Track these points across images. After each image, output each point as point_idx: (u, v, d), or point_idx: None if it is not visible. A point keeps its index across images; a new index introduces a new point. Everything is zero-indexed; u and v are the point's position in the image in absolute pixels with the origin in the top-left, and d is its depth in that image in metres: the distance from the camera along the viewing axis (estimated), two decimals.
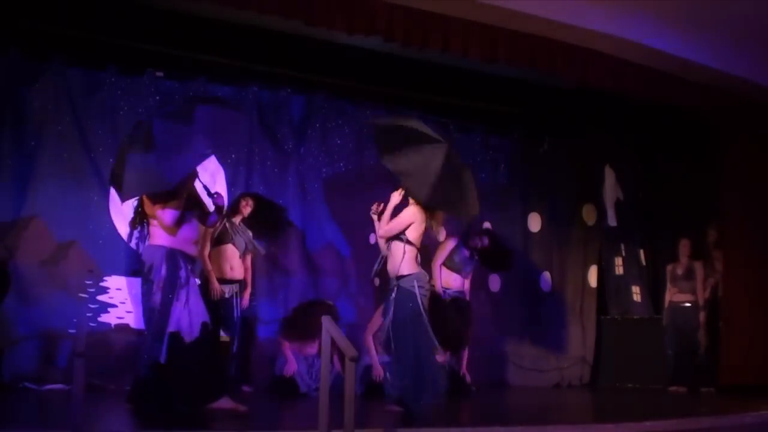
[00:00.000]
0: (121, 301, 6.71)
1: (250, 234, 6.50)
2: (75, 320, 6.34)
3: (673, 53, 7.16)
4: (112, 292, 6.71)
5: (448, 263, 7.47)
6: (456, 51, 6.51)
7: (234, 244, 6.38)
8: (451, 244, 7.54)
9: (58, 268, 6.49)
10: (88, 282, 6.58)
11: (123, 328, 6.67)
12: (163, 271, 4.82)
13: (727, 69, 7.46)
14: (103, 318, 6.65)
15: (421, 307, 5.06)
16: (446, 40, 6.43)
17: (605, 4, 6.69)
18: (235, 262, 6.37)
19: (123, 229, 6.80)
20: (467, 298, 7.49)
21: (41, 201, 6.50)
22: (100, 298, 6.65)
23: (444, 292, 7.33)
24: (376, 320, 6.87)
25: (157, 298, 4.80)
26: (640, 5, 6.73)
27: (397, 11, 6.20)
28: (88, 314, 6.47)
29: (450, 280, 7.38)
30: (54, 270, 6.48)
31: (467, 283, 7.60)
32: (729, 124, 8.28)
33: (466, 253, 7.49)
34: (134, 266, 6.31)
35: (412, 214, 5.17)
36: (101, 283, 6.66)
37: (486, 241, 7.39)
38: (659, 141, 8.79)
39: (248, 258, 6.55)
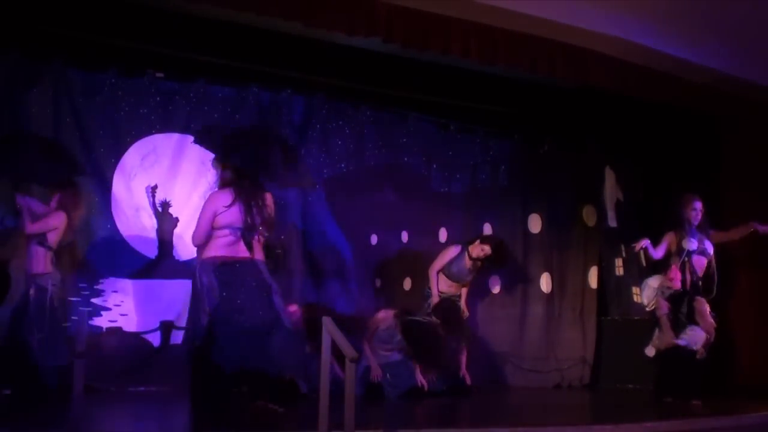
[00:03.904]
0: (116, 303, 6.67)
1: None
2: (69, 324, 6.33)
3: (674, 54, 7.16)
4: (107, 294, 6.67)
5: (446, 272, 7.43)
6: (456, 52, 6.52)
7: None
8: (452, 252, 7.48)
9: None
10: (81, 285, 6.55)
11: (115, 331, 6.63)
12: None
13: (727, 69, 7.46)
14: (95, 321, 6.60)
15: None
16: (446, 41, 6.44)
17: (605, 4, 6.69)
18: None
19: (126, 230, 6.81)
20: (460, 302, 7.45)
21: None
22: (95, 300, 6.61)
23: (439, 296, 7.32)
24: (374, 322, 6.87)
25: None
26: (640, 5, 6.72)
27: (397, 12, 6.20)
28: (75, 317, 6.42)
29: (445, 287, 7.37)
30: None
31: (464, 290, 7.56)
32: (730, 125, 8.27)
33: (468, 264, 7.41)
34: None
35: None
36: (96, 286, 6.63)
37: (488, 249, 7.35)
38: (659, 141, 8.77)
39: None
